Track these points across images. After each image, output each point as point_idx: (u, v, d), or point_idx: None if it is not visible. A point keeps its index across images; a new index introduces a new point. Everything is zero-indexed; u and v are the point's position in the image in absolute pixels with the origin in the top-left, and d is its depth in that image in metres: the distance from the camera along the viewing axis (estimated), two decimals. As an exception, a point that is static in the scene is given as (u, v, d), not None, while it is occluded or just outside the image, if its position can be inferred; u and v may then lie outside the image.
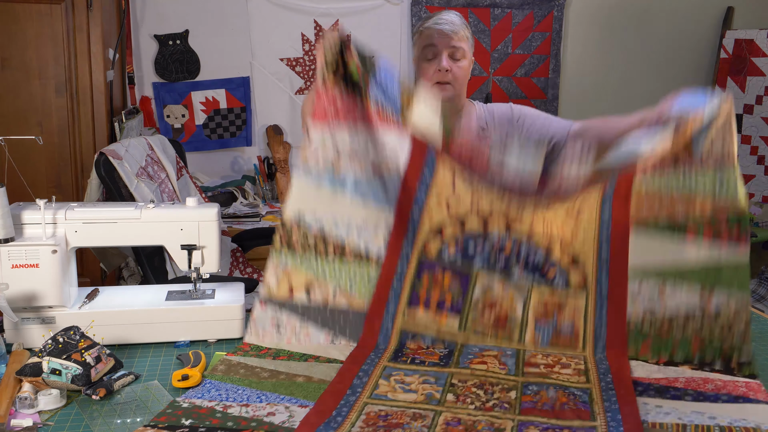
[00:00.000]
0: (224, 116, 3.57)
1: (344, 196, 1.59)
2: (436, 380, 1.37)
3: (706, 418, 1.21)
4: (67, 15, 2.81)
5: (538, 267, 1.60)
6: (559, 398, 1.29)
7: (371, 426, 1.19)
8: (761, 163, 3.68)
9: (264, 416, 1.24)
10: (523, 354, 1.49)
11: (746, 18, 3.88)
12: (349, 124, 1.59)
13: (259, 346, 1.54)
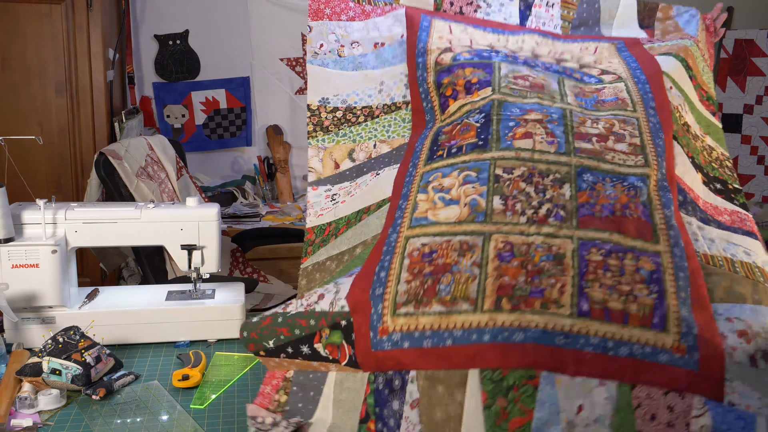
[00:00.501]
0: (224, 116, 3.57)
1: (357, 70, 1.65)
2: (477, 174, 1.27)
3: (742, 254, 1.24)
4: (67, 15, 2.81)
5: (562, 72, 1.62)
6: (620, 199, 1.21)
7: (417, 279, 1.13)
8: (761, 163, 3.68)
9: (315, 303, 1.20)
10: (571, 117, 1.39)
11: (746, 18, 3.87)
12: (344, 19, 1.68)
13: (323, 228, 1.43)
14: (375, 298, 1.15)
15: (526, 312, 1.05)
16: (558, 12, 1.81)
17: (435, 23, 1.71)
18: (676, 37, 1.79)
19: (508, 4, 1.79)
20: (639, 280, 1.10)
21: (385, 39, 1.70)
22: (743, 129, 3.72)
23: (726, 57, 3.75)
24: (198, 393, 1.37)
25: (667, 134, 1.42)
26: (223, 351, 1.58)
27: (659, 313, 1.06)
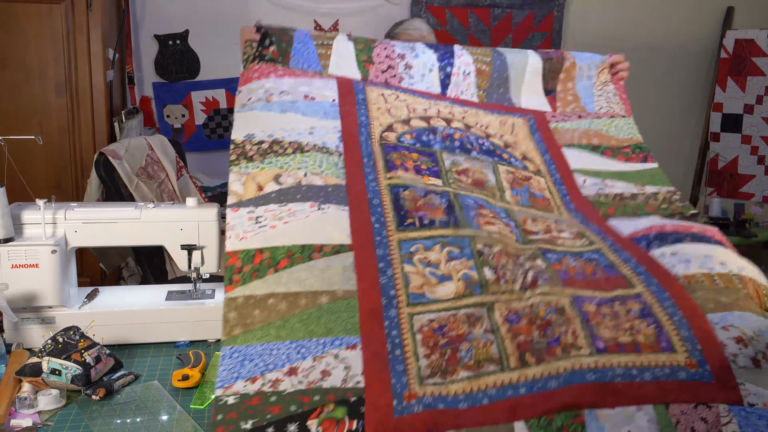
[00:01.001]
0: (224, 116, 3.57)
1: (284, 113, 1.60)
2: (460, 250, 1.33)
3: (718, 265, 1.33)
4: (67, 15, 2.81)
5: (493, 152, 1.73)
6: (585, 267, 1.33)
7: (436, 350, 1.15)
8: (761, 163, 3.68)
9: (320, 380, 1.12)
10: (515, 216, 1.50)
11: (746, 18, 3.87)
12: (273, 77, 1.69)
13: (251, 253, 1.31)
14: (396, 373, 1.13)
15: (551, 361, 1.11)
16: (473, 80, 1.92)
17: (369, 94, 1.74)
18: (575, 114, 1.93)
19: (429, 75, 1.88)
20: (634, 317, 1.20)
21: (316, 95, 1.67)
22: (743, 129, 3.72)
23: (726, 57, 3.75)
24: (198, 393, 1.36)
25: (597, 222, 1.57)
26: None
27: (664, 338, 1.16)
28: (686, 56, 3.93)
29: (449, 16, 3.64)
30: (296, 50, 1.79)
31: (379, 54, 1.86)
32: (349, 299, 1.23)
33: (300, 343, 1.18)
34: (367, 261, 1.29)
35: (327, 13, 3.57)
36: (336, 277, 1.27)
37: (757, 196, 3.71)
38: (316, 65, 1.77)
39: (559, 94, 2.00)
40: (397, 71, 1.86)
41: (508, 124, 1.83)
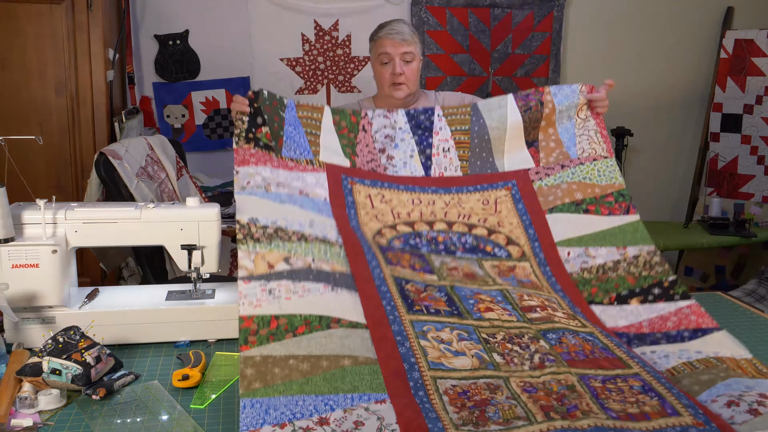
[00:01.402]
0: (224, 116, 3.57)
1: (283, 204, 1.68)
2: (468, 335, 1.45)
3: (694, 353, 1.51)
4: (67, 15, 2.81)
5: (476, 247, 1.85)
6: (584, 346, 1.46)
7: (464, 410, 1.22)
8: (761, 163, 3.68)
9: (354, 429, 1.15)
10: (510, 295, 1.65)
11: (746, 18, 3.87)
12: (269, 166, 1.75)
13: (266, 319, 1.39)
14: (431, 419, 1.18)
15: (575, 420, 1.20)
16: (455, 154, 2.00)
17: (356, 196, 1.85)
18: (558, 164, 2.00)
19: (410, 162, 1.98)
20: (637, 392, 1.31)
21: (309, 191, 1.77)
22: (743, 129, 3.72)
23: (726, 57, 3.76)
24: (198, 393, 1.37)
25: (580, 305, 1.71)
26: (223, 351, 1.58)
27: (668, 406, 1.26)
28: (686, 56, 3.93)
29: (449, 16, 3.64)
30: (288, 134, 1.86)
31: (361, 150, 1.96)
32: (371, 365, 1.31)
33: (327, 397, 1.22)
34: (384, 336, 1.39)
35: (327, 14, 3.56)
36: (356, 345, 1.36)
37: (756, 196, 3.71)
38: (307, 152, 1.87)
39: (541, 143, 2.05)
40: (380, 162, 1.97)
41: (491, 202, 1.94)
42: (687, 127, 4.05)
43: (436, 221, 1.88)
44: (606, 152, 2.03)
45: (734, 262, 3.77)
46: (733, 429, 1.22)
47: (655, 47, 3.89)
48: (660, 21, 3.88)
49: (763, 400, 1.31)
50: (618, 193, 1.96)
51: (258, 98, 1.91)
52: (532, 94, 2.05)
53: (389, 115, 2.03)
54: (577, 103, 2.06)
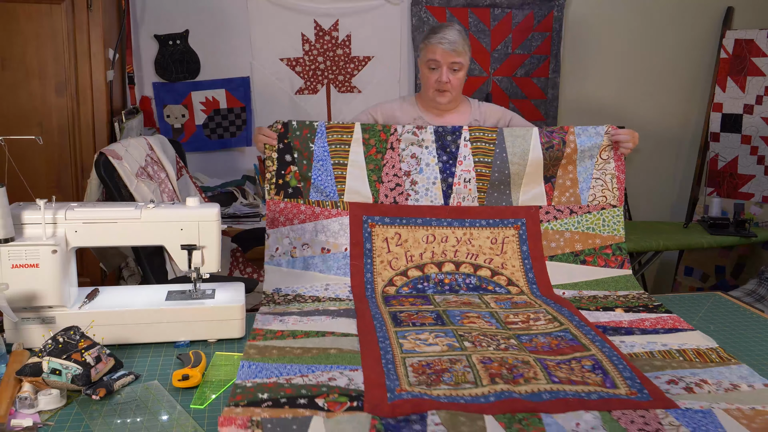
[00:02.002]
0: (224, 116, 3.57)
1: (304, 272, 2.04)
2: (445, 334, 1.68)
3: (659, 345, 1.66)
4: (67, 15, 2.81)
5: (479, 287, 2.06)
6: (551, 342, 1.65)
7: (423, 374, 1.44)
8: (761, 163, 3.68)
9: (327, 381, 1.40)
10: (498, 315, 1.85)
11: (746, 18, 3.87)
12: (296, 223, 2.08)
13: (273, 332, 1.70)
14: (390, 380, 1.41)
15: (516, 385, 1.40)
16: (474, 185, 2.16)
17: (375, 241, 2.09)
18: (567, 208, 2.17)
19: (432, 189, 2.15)
20: (586, 371, 1.49)
21: (331, 246, 2.08)
22: (743, 129, 3.72)
23: (726, 57, 3.76)
24: (198, 393, 1.37)
25: (569, 308, 1.90)
26: (223, 351, 1.58)
27: (609, 381, 1.44)
28: (686, 56, 3.93)
29: (449, 16, 3.64)
30: (316, 175, 2.10)
31: (387, 173, 2.14)
32: (354, 354, 1.56)
33: (310, 366, 1.50)
34: (370, 339, 1.64)
35: (327, 14, 3.56)
36: (344, 344, 1.62)
37: (756, 196, 3.71)
38: (333, 194, 2.11)
39: (558, 180, 2.19)
40: (404, 188, 2.14)
41: (498, 241, 2.13)
42: (687, 127, 4.05)
43: (446, 262, 2.10)
44: (616, 201, 2.17)
45: (734, 262, 3.77)
46: (664, 395, 1.39)
47: (655, 47, 3.89)
48: (660, 21, 3.87)
49: (701, 383, 1.46)
50: (617, 246, 2.14)
51: (288, 131, 2.10)
52: (556, 131, 2.16)
53: (418, 132, 2.16)
54: (600, 144, 2.17)
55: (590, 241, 2.14)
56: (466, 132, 2.16)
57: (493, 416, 1.28)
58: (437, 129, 2.16)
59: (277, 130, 2.10)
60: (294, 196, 2.10)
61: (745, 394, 1.42)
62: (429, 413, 1.28)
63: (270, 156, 2.09)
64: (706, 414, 1.32)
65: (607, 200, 2.17)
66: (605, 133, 2.16)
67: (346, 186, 2.12)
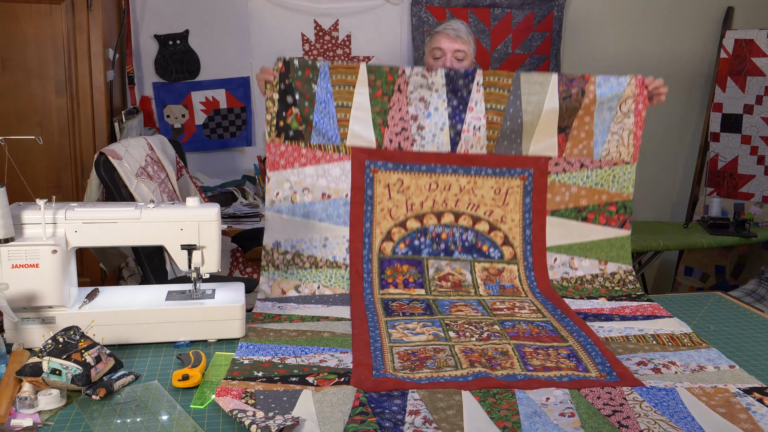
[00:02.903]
0: (224, 116, 3.57)
1: (305, 220, 2.02)
2: (432, 324, 1.75)
3: (636, 330, 1.75)
4: (67, 15, 2.81)
5: (474, 246, 2.06)
6: (532, 330, 1.73)
7: (407, 361, 1.53)
8: (761, 163, 3.68)
9: (318, 363, 1.51)
10: (485, 303, 1.92)
11: (746, 18, 3.87)
12: (297, 167, 2.03)
13: (271, 316, 1.79)
14: (377, 363, 1.50)
15: (493, 370, 1.49)
16: (484, 133, 2.07)
17: (377, 187, 2.05)
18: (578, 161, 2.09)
19: (440, 134, 2.06)
20: (561, 357, 1.57)
21: (332, 192, 2.03)
22: (743, 129, 3.72)
23: (726, 57, 3.76)
24: (198, 393, 1.37)
25: (554, 300, 1.95)
26: (223, 351, 1.58)
27: (581, 367, 1.52)
28: (686, 56, 3.93)
29: (449, 16, 3.64)
30: (318, 117, 2.03)
31: (393, 116, 2.05)
32: (346, 338, 1.66)
33: (304, 347, 1.60)
34: (361, 324, 1.74)
35: (327, 13, 3.56)
36: (336, 327, 1.73)
37: (756, 196, 3.71)
38: (335, 137, 2.04)
39: (573, 131, 2.09)
40: (410, 133, 2.06)
41: (502, 191, 2.07)
42: (687, 126, 4.04)
43: (446, 212, 2.06)
44: (630, 157, 2.11)
45: (734, 262, 3.77)
46: (632, 375, 1.47)
47: (655, 47, 3.89)
48: (660, 21, 3.87)
49: (669, 364, 1.54)
50: (622, 203, 2.10)
51: (289, 70, 2.00)
52: (576, 80, 2.05)
53: (427, 75, 2.05)
54: (620, 95, 2.06)
55: (596, 197, 2.08)
56: (479, 76, 2.05)
57: (470, 392, 1.38)
58: (448, 72, 2.05)
59: (278, 69, 2.01)
60: (295, 139, 2.02)
61: (710, 374, 1.50)
62: (409, 391, 1.39)
63: (271, 97, 2.01)
64: (669, 392, 1.40)
65: (621, 156, 2.10)
66: (628, 84, 2.05)
67: (349, 130, 2.04)
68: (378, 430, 1.23)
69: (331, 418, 1.27)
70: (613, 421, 1.28)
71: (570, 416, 1.30)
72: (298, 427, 1.23)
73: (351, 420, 1.25)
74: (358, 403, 1.32)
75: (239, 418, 1.23)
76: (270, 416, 1.23)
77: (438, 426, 1.26)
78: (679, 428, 1.26)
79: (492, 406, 1.33)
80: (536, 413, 1.31)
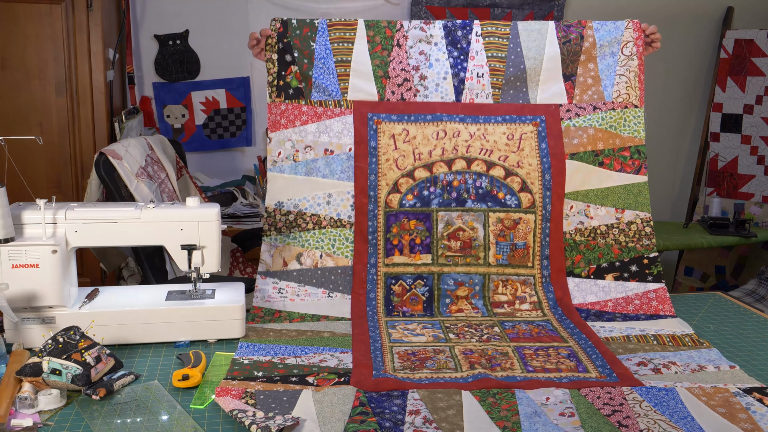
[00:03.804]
0: (224, 116, 3.57)
1: (307, 178, 1.95)
2: (432, 326, 1.77)
3: (637, 331, 1.75)
4: (67, 15, 2.81)
5: (489, 192, 1.97)
6: (532, 330, 1.74)
7: (407, 361, 1.54)
8: (761, 163, 3.68)
9: (318, 363, 1.52)
10: (488, 283, 1.90)
11: (746, 18, 3.87)
12: (298, 125, 1.97)
13: (272, 311, 1.81)
14: (377, 363, 1.51)
15: (493, 371, 1.49)
16: (488, 81, 2.03)
17: (380, 138, 1.97)
18: (590, 105, 2.04)
19: (443, 84, 2.02)
20: (561, 357, 1.58)
21: (335, 147, 1.97)
22: (743, 129, 3.72)
23: (726, 57, 3.76)
24: (198, 393, 1.37)
25: (556, 281, 1.93)
26: (223, 351, 1.58)
27: (582, 367, 1.53)
28: (686, 56, 3.93)
29: (449, 16, 3.64)
30: (317, 72, 1.98)
31: (394, 68, 2.01)
32: (346, 338, 1.67)
33: (304, 347, 1.61)
34: (361, 324, 1.75)
35: (327, 13, 3.56)
36: (337, 327, 1.74)
37: (756, 196, 3.71)
38: (336, 92, 2.00)
39: (579, 78, 2.06)
40: (413, 84, 2.02)
41: (515, 137, 1.99)
42: (687, 127, 4.05)
43: (457, 158, 1.97)
44: (638, 101, 2.05)
45: (734, 262, 3.77)
46: (632, 376, 1.48)
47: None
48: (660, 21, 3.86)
49: (669, 365, 1.54)
50: (635, 148, 2.02)
51: (287, 29, 1.98)
52: (573, 26, 2.07)
53: (426, 27, 2.03)
54: (620, 39, 2.08)
55: (611, 141, 2.02)
56: (477, 26, 2.03)
57: (470, 392, 1.39)
58: (446, 24, 2.03)
59: (276, 29, 1.98)
60: (295, 97, 1.98)
61: (709, 374, 1.51)
62: (410, 391, 1.39)
63: (270, 58, 1.98)
64: (669, 392, 1.41)
65: (629, 99, 2.05)
66: (626, 28, 2.07)
67: (350, 83, 2.00)
68: (378, 430, 1.23)
69: (331, 418, 1.27)
70: (612, 421, 1.29)
71: (570, 416, 1.31)
72: (298, 427, 1.23)
73: (351, 420, 1.26)
74: (358, 403, 1.32)
75: (239, 418, 1.23)
76: (270, 416, 1.23)
77: (438, 426, 1.26)
78: (679, 428, 1.26)
79: (492, 406, 1.34)
80: (536, 413, 1.31)
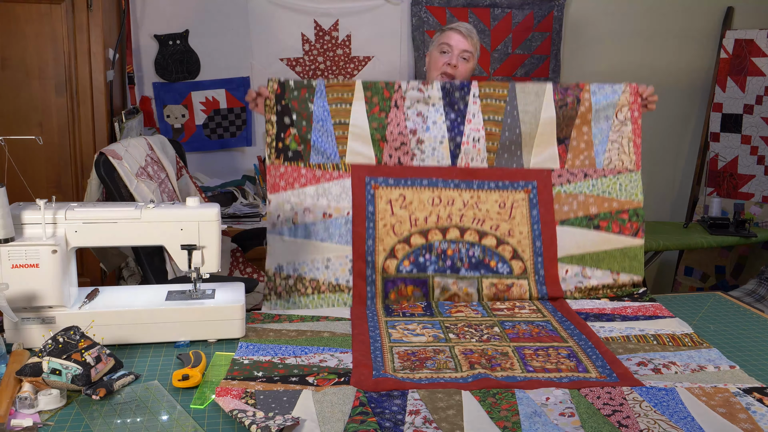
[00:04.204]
0: (224, 116, 3.57)
1: (306, 241, 1.98)
2: (432, 326, 1.77)
3: (637, 330, 1.76)
4: (67, 15, 2.81)
5: (481, 261, 2.01)
6: (532, 330, 1.75)
7: (407, 361, 1.55)
8: (761, 163, 3.68)
9: (318, 363, 1.53)
10: (487, 305, 1.94)
11: (746, 18, 3.87)
12: (297, 188, 2.00)
13: (271, 315, 1.83)
14: (377, 363, 1.52)
15: (493, 371, 1.50)
16: (483, 145, 2.06)
17: (378, 203, 2.01)
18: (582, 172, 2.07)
19: (439, 148, 2.05)
20: (561, 357, 1.59)
21: (333, 210, 1.99)
22: (743, 129, 3.72)
23: (726, 57, 3.76)
24: (198, 393, 1.37)
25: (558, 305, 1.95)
26: (223, 351, 1.58)
27: (582, 367, 1.54)
28: (686, 56, 3.93)
29: (449, 16, 3.64)
30: (316, 136, 2.01)
31: (392, 131, 2.03)
32: (346, 337, 1.68)
33: (304, 347, 1.62)
34: (361, 324, 1.77)
35: (327, 13, 3.56)
36: (337, 327, 1.76)
37: (756, 196, 3.71)
38: (334, 155, 2.02)
39: (572, 142, 2.08)
40: (410, 147, 2.05)
41: (507, 205, 2.04)
42: (687, 127, 4.04)
43: (451, 227, 2.02)
44: (633, 165, 2.07)
45: (734, 262, 3.77)
46: (632, 376, 1.48)
47: (655, 47, 3.89)
48: (660, 21, 3.87)
49: (669, 365, 1.54)
50: (634, 211, 2.06)
51: (284, 91, 2.00)
52: (571, 88, 2.06)
53: (423, 88, 2.05)
54: (616, 103, 2.07)
55: (606, 205, 2.04)
56: (475, 88, 2.05)
57: (470, 392, 1.39)
58: (444, 85, 2.05)
59: (273, 90, 2.01)
60: (294, 160, 2.01)
61: (710, 374, 1.51)
62: (410, 391, 1.40)
63: (269, 119, 2.01)
64: (669, 392, 1.41)
65: (623, 164, 2.07)
66: (623, 91, 2.06)
67: (348, 147, 2.02)
68: (378, 430, 1.23)
69: (331, 418, 1.27)
70: (612, 421, 1.29)
71: (570, 416, 1.31)
72: (298, 427, 1.23)
73: (351, 420, 1.26)
74: (358, 403, 1.32)
75: (239, 418, 1.23)
76: (270, 416, 1.23)
77: (438, 426, 1.26)
78: (679, 428, 1.26)
79: (492, 406, 1.34)
80: (536, 413, 1.32)
